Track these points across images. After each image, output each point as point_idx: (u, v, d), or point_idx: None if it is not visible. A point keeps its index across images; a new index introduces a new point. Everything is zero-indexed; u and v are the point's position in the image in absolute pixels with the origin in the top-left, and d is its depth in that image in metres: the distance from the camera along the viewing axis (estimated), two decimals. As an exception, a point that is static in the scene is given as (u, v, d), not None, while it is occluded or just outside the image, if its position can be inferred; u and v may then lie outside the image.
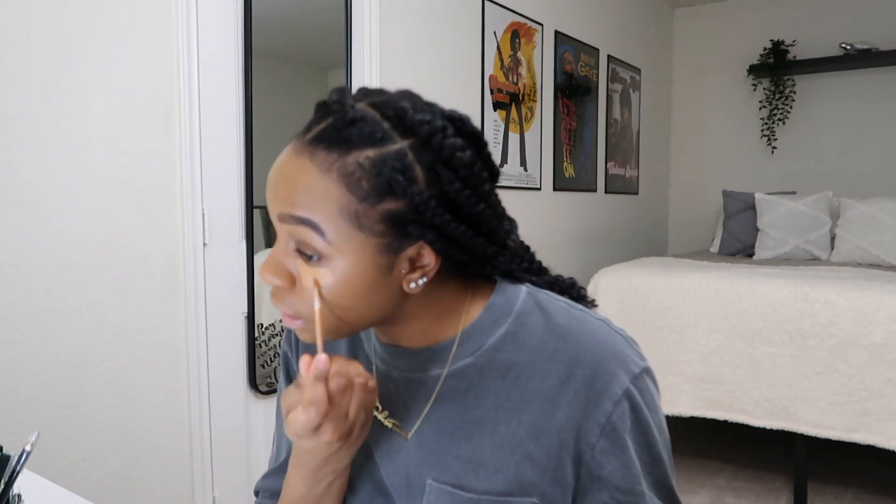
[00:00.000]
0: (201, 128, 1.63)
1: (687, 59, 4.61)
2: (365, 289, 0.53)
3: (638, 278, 2.51)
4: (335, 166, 0.50)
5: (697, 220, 4.63)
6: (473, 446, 0.57)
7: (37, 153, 1.34)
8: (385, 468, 0.61)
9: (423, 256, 0.54)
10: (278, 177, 0.53)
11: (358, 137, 0.50)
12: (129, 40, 1.49)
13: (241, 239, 1.75)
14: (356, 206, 0.50)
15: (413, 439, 0.60)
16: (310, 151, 0.52)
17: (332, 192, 0.50)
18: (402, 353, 0.61)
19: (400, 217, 0.51)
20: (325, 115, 0.53)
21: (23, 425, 1.34)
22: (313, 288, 0.52)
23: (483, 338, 0.59)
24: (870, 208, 3.24)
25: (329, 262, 0.52)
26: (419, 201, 0.51)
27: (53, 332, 1.38)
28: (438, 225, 0.52)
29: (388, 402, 0.62)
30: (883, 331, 2.02)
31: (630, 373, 0.56)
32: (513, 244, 0.61)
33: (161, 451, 1.60)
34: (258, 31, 1.73)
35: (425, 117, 0.51)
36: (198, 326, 1.64)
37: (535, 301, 0.60)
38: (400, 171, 0.50)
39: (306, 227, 0.51)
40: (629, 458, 0.56)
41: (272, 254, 0.54)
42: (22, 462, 0.65)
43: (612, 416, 0.55)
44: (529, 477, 0.56)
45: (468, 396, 0.58)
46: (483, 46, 2.69)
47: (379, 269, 0.53)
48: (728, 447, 2.81)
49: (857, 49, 3.83)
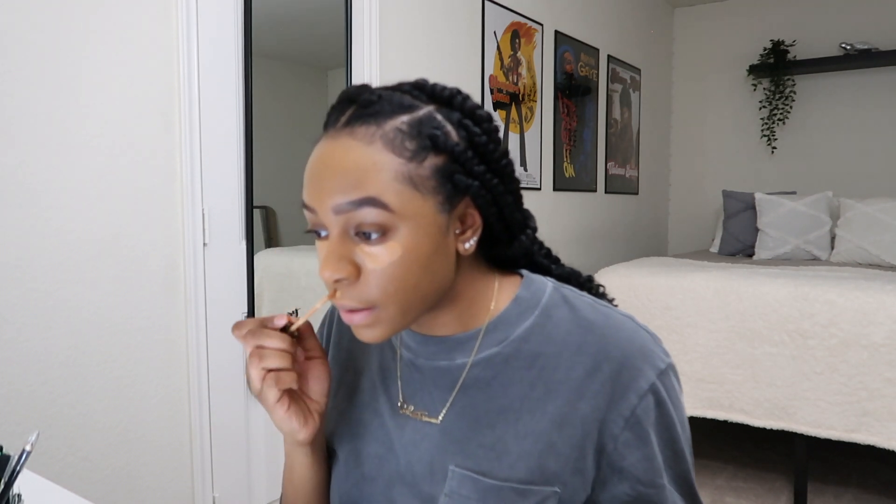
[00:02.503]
0: (201, 128, 1.63)
1: (687, 59, 4.61)
2: (431, 254, 0.54)
3: (638, 278, 2.51)
4: (377, 136, 0.52)
5: (697, 220, 4.63)
6: (497, 434, 0.58)
7: (37, 153, 1.34)
8: (409, 456, 0.61)
9: (469, 216, 0.57)
10: (323, 170, 0.53)
11: (389, 107, 0.53)
12: (130, 40, 1.49)
13: (241, 239, 1.75)
14: (407, 167, 0.52)
15: (437, 427, 0.61)
16: (348, 132, 0.53)
17: (381, 160, 0.52)
18: (430, 341, 0.62)
19: (446, 169, 0.54)
20: (348, 104, 0.55)
21: (23, 425, 1.34)
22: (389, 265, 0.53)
23: (510, 328, 0.60)
24: (870, 208, 3.23)
25: (395, 233, 0.53)
26: (458, 151, 0.54)
27: (53, 332, 1.38)
28: (478, 174, 0.55)
29: (412, 390, 0.63)
30: (883, 331, 2.02)
31: (656, 368, 0.57)
32: (531, 229, 0.64)
33: (161, 451, 1.60)
34: (258, 32, 1.73)
35: (441, 84, 0.57)
36: (198, 326, 1.64)
37: (561, 295, 0.62)
38: (436, 128, 0.54)
39: (368, 206, 0.52)
40: (651, 452, 0.57)
41: (329, 250, 0.54)
42: (22, 462, 0.65)
43: (637, 409, 0.56)
44: (552, 466, 0.57)
45: (493, 385, 0.60)
46: (483, 46, 2.69)
47: (439, 230, 0.55)
48: (728, 447, 2.81)
49: (857, 49, 3.83)
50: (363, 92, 0.55)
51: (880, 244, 3.12)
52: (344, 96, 0.56)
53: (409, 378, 0.64)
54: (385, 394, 0.65)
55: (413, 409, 0.63)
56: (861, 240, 3.18)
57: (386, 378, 0.66)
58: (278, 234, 1.95)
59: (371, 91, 0.55)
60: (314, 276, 2.01)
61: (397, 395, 0.64)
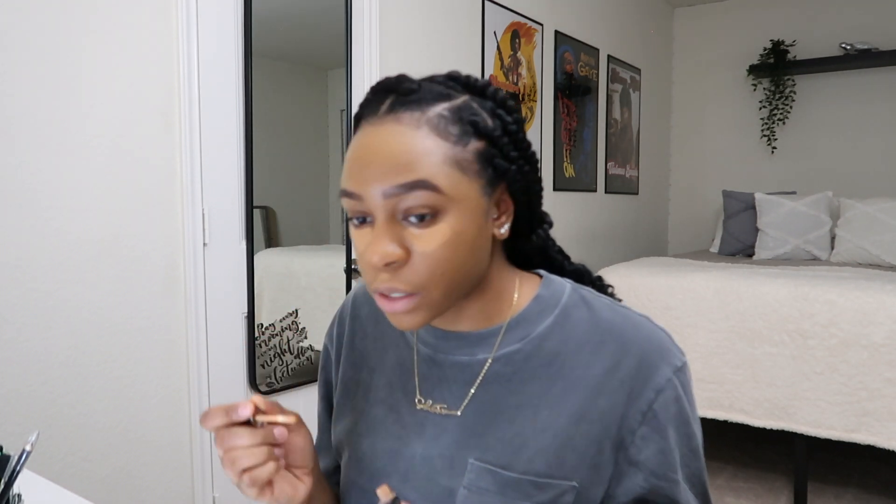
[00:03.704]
0: (201, 128, 1.63)
1: (687, 59, 4.61)
2: (476, 237, 0.56)
3: (638, 278, 2.51)
4: (422, 121, 0.54)
5: (697, 220, 4.63)
6: (516, 429, 0.59)
7: (37, 153, 1.34)
8: (427, 450, 0.62)
9: (504, 201, 0.59)
10: (369, 155, 0.54)
11: (429, 95, 0.55)
12: (130, 40, 1.49)
13: (241, 239, 1.75)
14: (453, 150, 0.54)
15: (457, 420, 0.62)
16: (393, 118, 0.54)
17: (429, 144, 0.53)
18: (450, 336, 0.63)
19: (487, 153, 0.56)
20: (386, 93, 0.56)
21: (23, 425, 1.34)
22: (439, 247, 0.54)
23: (530, 326, 0.62)
24: (870, 208, 3.23)
25: (444, 216, 0.54)
26: (496, 137, 0.56)
27: (53, 332, 1.38)
28: (514, 159, 0.58)
29: (430, 385, 0.64)
30: (883, 331, 2.02)
31: (673, 365, 0.59)
32: (548, 224, 0.66)
33: (161, 450, 1.60)
34: (258, 31, 1.73)
35: (474, 76, 0.59)
36: (198, 326, 1.64)
37: (580, 296, 0.64)
38: (474, 115, 0.56)
39: (419, 189, 0.52)
40: (668, 446, 0.58)
41: (377, 234, 0.53)
42: (22, 462, 0.65)
43: (655, 404, 0.58)
44: (570, 461, 0.58)
45: (513, 381, 0.61)
46: (483, 46, 2.69)
47: (483, 213, 0.56)
48: (728, 447, 2.81)
49: (857, 49, 3.83)
50: (403, 81, 0.56)
51: (880, 244, 3.12)
52: (380, 87, 0.57)
53: (428, 373, 0.65)
54: (402, 389, 0.66)
55: (431, 404, 0.64)
56: (861, 240, 3.17)
57: (403, 373, 0.67)
58: (278, 234, 1.95)
59: (411, 80, 0.56)
60: (314, 276, 2.01)
61: (415, 390, 0.65)
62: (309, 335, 1.95)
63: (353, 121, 0.59)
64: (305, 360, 1.95)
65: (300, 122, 2.00)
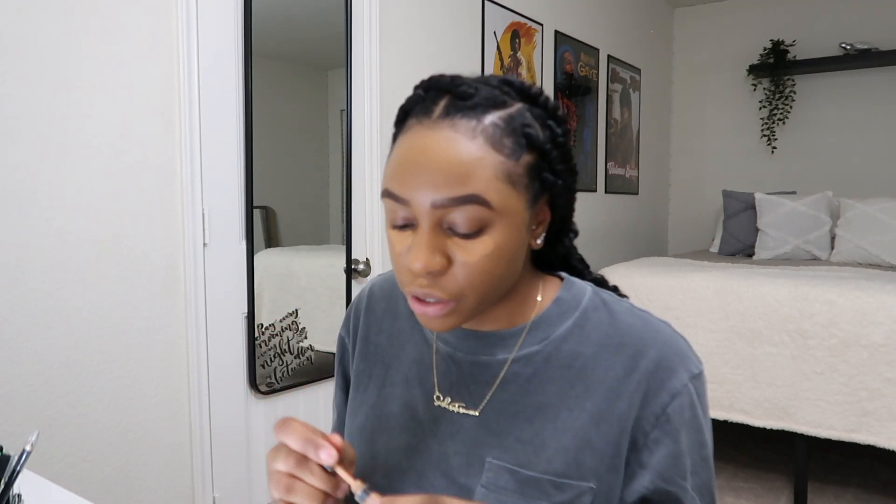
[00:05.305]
0: (201, 128, 1.63)
1: (687, 59, 4.61)
2: (516, 249, 0.56)
3: (638, 278, 2.51)
4: (478, 130, 0.52)
5: (697, 220, 4.63)
6: (535, 429, 0.59)
7: (37, 153, 1.34)
8: (444, 447, 0.62)
9: (542, 211, 0.59)
10: (423, 161, 0.52)
11: (485, 102, 0.53)
12: (130, 40, 1.49)
13: (241, 239, 1.75)
14: (506, 165, 0.53)
15: (475, 419, 0.62)
16: (449, 124, 0.52)
17: (484, 156, 0.52)
18: (471, 336, 0.63)
19: (537, 167, 0.55)
20: (441, 93, 0.54)
21: (23, 425, 1.33)
22: (481, 259, 0.53)
23: (551, 328, 0.62)
24: (870, 208, 3.23)
25: (490, 229, 0.53)
26: (547, 150, 0.55)
27: (53, 332, 1.38)
28: (561, 172, 0.57)
29: (448, 383, 0.64)
30: (883, 331, 2.02)
31: (690, 372, 0.59)
32: (574, 232, 0.66)
33: (161, 451, 1.60)
34: (258, 31, 1.73)
35: (527, 81, 0.57)
36: (198, 326, 1.64)
37: (600, 299, 0.64)
38: (528, 126, 0.54)
39: (471, 204, 0.51)
40: (679, 451, 0.58)
41: (422, 242, 0.52)
42: (22, 462, 0.65)
43: (669, 407, 0.57)
44: (588, 462, 0.58)
45: (532, 382, 0.61)
46: (483, 46, 2.69)
47: (525, 225, 0.56)
48: (728, 447, 2.81)
49: (857, 49, 3.83)
50: (460, 83, 0.54)
51: (880, 244, 3.12)
52: (434, 85, 0.55)
53: (447, 371, 0.64)
54: (420, 386, 0.66)
55: (449, 402, 0.63)
56: (861, 240, 3.17)
57: (421, 371, 0.66)
58: (278, 234, 1.95)
59: (468, 83, 0.54)
60: (314, 276, 2.01)
61: (433, 387, 0.65)
62: (309, 335, 1.95)
63: (399, 115, 0.58)
64: (305, 360, 1.95)
65: (300, 122, 1.99)
